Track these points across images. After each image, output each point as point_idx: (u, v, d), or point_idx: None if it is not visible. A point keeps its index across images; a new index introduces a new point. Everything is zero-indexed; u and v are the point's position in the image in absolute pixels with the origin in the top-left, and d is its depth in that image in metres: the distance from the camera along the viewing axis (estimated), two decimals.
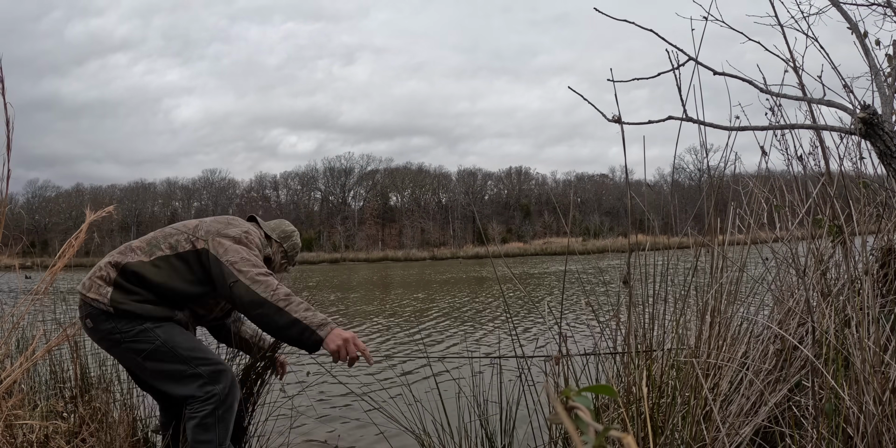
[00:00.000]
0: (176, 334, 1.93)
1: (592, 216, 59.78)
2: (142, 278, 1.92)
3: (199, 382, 1.90)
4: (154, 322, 1.92)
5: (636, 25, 1.85)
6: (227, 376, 1.95)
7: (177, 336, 1.93)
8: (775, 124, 1.98)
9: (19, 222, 16.39)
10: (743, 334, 1.92)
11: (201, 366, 1.91)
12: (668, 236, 1.97)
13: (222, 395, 1.90)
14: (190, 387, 1.90)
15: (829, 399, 1.49)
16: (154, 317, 1.92)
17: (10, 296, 2.65)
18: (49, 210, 58.82)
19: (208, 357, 1.94)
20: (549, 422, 1.96)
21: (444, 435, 2.01)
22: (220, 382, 1.91)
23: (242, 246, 2.00)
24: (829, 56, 2.09)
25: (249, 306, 1.85)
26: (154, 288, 1.93)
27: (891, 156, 1.63)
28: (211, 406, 1.88)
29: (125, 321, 1.90)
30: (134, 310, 1.90)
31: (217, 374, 1.92)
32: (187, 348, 1.92)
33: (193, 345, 1.94)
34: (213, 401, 1.88)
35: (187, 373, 1.90)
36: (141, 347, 1.89)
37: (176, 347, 1.90)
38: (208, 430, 1.87)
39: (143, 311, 1.91)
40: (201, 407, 1.88)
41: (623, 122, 1.70)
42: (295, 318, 1.83)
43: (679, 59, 1.77)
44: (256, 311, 1.85)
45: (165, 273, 1.94)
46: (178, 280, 1.95)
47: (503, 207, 64.84)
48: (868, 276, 1.71)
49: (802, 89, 2.03)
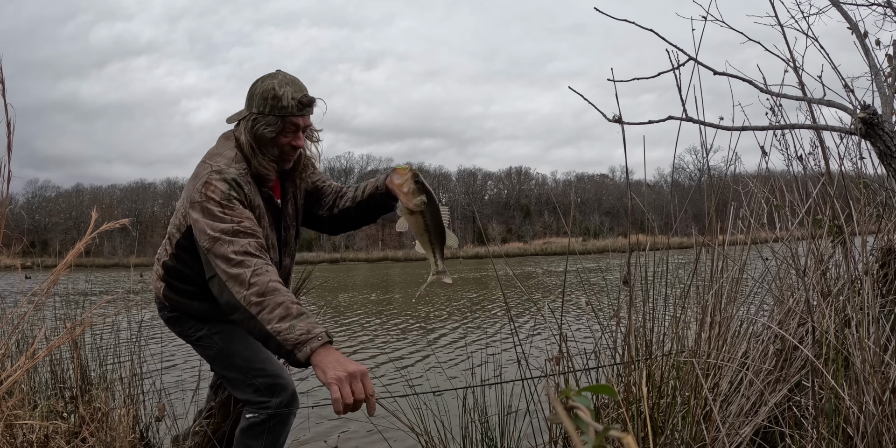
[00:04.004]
0: (235, 341, 1.80)
1: (592, 216, 59.76)
2: (176, 271, 1.79)
3: (255, 392, 1.77)
4: (212, 326, 1.81)
5: (636, 25, 1.85)
6: (286, 390, 1.77)
7: (235, 344, 1.80)
8: (775, 124, 1.98)
9: (19, 222, 16.30)
10: (743, 334, 1.92)
11: (258, 377, 1.77)
12: (668, 236, 1.97)
13: (276, 408, 1.76)
14: (246, 393, 1.79)
15: (829, 399, 1.49)
16: (208, 317, 1.79)
17: (11, 296, 2.65)
18: (49, 210, 58.79)
19: (266, 368, 1.77)
20: (548, 422, 1.96)
21: (445, 433, 2.01)
22: (277, 396, 1.76)
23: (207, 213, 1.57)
24: (829, 56, 2.09)
25: (227, 309, 1.50)
26: (189, 280, 1.77)
27: (891, 156, 1.63)
28: (263, 416, 1.76)
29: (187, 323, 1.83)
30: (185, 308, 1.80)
31: (274, 387, 1.77)
32: (245, 358, 1.78)
33: (252, 354, 1.78)
34: (267, 411, 1.76)
35: (244, 382, 1.78)
36: (203, 352, 1.84)
37: (233, 356, 1.79)
38: (256, 437, 1.76)
39: (192, 309, 1.80)
40: (255, 413, 1.78)
41: (623, 121, 1.70)
42: (267, 331, 1.40)
43: (679, 60, 1.77)
44: (233, 315, 1.49)
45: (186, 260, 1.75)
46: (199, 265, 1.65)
47: (503, 207, 64.82)
48: (868, 276, 1.71)
49: (802, 89, 2.03)
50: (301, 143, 1.75)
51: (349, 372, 1.30)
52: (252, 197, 1.69)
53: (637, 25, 1.85)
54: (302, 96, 1.68)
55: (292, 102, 1.66)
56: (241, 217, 1.59)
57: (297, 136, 1.73)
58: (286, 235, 1.88)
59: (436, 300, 10.13)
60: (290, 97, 1.66)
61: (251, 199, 1.69)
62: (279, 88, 1.65)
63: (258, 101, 1.67)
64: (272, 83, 1.66)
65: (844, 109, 1.78)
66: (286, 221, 1.87)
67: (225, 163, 1.66)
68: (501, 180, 67.57)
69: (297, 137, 1.73)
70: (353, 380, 1.30)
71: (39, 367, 2.43)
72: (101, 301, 2.24)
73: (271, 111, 1.66)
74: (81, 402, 2.24)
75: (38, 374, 2.44)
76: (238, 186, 1.64)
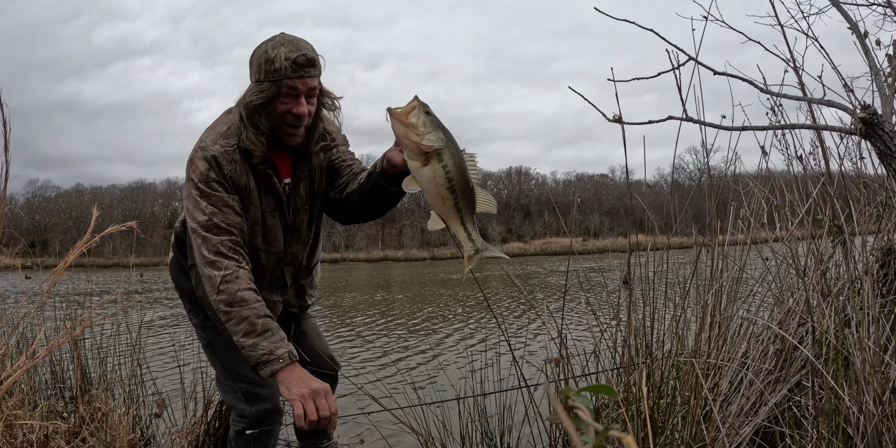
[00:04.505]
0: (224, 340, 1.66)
1: (592, 216, 59.77)
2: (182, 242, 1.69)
3: (236, 396, 1.70)
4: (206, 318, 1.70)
5: (636, 25, 1.85)
6: (265, 402, 1.68)
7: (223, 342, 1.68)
8: (776, 124, 1.98)
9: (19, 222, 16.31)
10: (743, 334, 1.92)
11: (239, 381, 1.69)
12: (668, 236, 1.97)
13: (253, 419, 1.67)
14: (229, 395, 1.73)
15: (829, 399, 1.49)
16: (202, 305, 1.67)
17: (11, 296, 2.66)
18: (49, 210, 58.81)
19: (248, 374, 1.65)
20: (548, 421, 1.96)
21: (445, 435, 2.01)
22: (254, 404, 1.67)
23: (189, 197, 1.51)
24: (830, 56, 2.09)
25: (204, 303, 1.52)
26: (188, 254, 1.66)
27: (891, 156, 1.63)
28: (241, 425, 1.69)
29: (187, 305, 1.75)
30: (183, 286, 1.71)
31: (252, 395, 1.68)
32: (230, 360, 1.69)
33: (237, 357, 1.63)
34: (244, 421, 1.68)
35: (228, 383, 1.72)
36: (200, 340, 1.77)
37: (219, 354, 1.72)
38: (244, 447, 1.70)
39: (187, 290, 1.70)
40: (236, 421, 1.72)
41: (624, 121, 1.70)
42: (234, 341, 1.41)
43: (679, 60, 1.77)
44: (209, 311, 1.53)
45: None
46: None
47: (503, 207, 64.77)
48: (868, 276, 1.71)
49: (802, 89, 2.03)
50: (303, 109, 1.52)
51: (312, 389, 1.33)
52: (237, 177, 1.53)
53: (637, 25, 1.85)
54: (298, 55, 1.46)
55: (285, 63, 1.46)
56: (216, 205, 1.48)
57: (298, 102, 1.51)
58: (295, 220, 1.68)
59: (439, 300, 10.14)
60: (283, 58, 1.46)
61: (235, 179, 1.53)
62: (272, 50, 1.47)
63: (254, 70, 1.50)
64: (266, 46, 1.49)
65: (844, 109, 1.78)
66: (295, 204, 1.67)
67: (212, 139, 1.53)
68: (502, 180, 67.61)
69: (297, 104, 1.51)
70: (316, 397, 1.32)
71: (39, 367, 2.43)
72: (101, 301, 2.24)
73: (266, 76, 1.47)
74: (81, 402, 2.24)
75: (38, 374, 2.43)
76: (217, 165, 1.50)
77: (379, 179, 1.47)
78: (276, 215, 1.64)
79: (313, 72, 1.50)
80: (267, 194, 1.60)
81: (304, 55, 1.47)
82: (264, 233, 1.64)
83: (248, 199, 1.57)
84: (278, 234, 1.66)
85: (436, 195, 1.13)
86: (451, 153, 1.13)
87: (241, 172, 1.54)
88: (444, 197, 1.13)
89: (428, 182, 1.12)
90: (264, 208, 1.61)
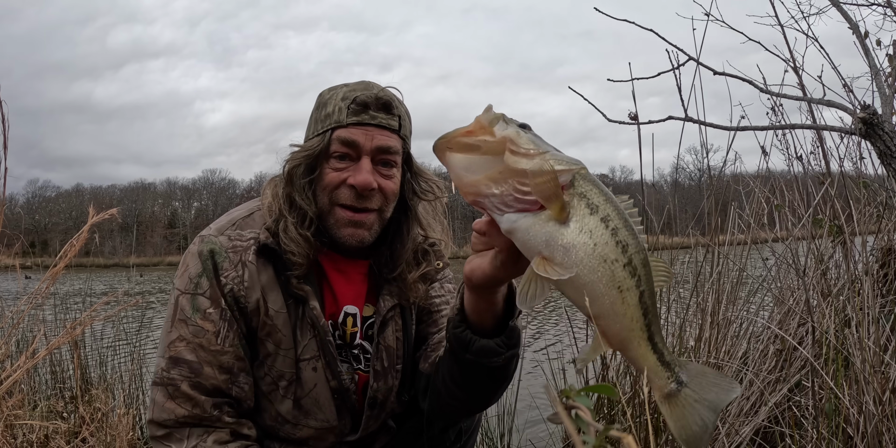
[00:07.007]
0: None
1: None
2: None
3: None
4: None
5: (636, 25, 1.85)
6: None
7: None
8: (776, 124, 1.98)
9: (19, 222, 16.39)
10: (743, 334, 1.92)
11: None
12: (668, 236, 1.97)
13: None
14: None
15: (829, 399, 1.49)
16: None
17: (11, 296, 2.65)
18: (49, 210, 58.79)
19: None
20: (549, 421, 1.96)
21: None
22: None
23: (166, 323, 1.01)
24: (829, 56, 2.09)
25: None
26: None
27: (891, 156, 1.63)
28: None
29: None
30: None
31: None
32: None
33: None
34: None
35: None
36: None
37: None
38: None
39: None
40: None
41: (622, 122, 1.70)
42: None
43: (679, 60, 1.77)
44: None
45: None
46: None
47: None
48: (868, 277, 1.71)
49: (802, 89, 2.03)
50: (370, 180, 0.96)
51: None
52: (248, 290, 0.98)
53: (637, 25, 1.85)
54: (362, 93, 0.97)
55: (341, 104, 0.97)
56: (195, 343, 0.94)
57: (358, 168, 0.96)
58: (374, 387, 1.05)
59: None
60: (339, 98, 0.99)
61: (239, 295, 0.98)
62: (328, 93, 1.03)
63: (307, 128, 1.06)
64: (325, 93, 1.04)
65: (844, 109, 1.78)
66: (374, 360, 1.06)
67: (219, 226, 1.03)
68: None
69: (357, 169, 0.96)
70: None
71: (39, 367, 2.43)
72: (101, 301, 2.24)
73: (314, 128, 1.01)
74: (81, 402, 2.24)
75: (38, 374, 2.44)
76: (213, 267, 0.97)
77: (462, 333, 0.86)
78: (328, 372, 1.03)
79: (387, 120, 0.98)
80: (305, 330, 1.02)
81: (374, 94, 0.98)
82: (298, 395, 1.01)
83: (264, 334, 1.00)
84: (324, 401, 1.04)
85: (607, 284, 0.59)
86: (600, 191, 0.63)
87: (254, 285, 0.99)
88: (622, 286, 0.59)
89: (586, 256, 0.59)
90: (300, 353, 1.02)
